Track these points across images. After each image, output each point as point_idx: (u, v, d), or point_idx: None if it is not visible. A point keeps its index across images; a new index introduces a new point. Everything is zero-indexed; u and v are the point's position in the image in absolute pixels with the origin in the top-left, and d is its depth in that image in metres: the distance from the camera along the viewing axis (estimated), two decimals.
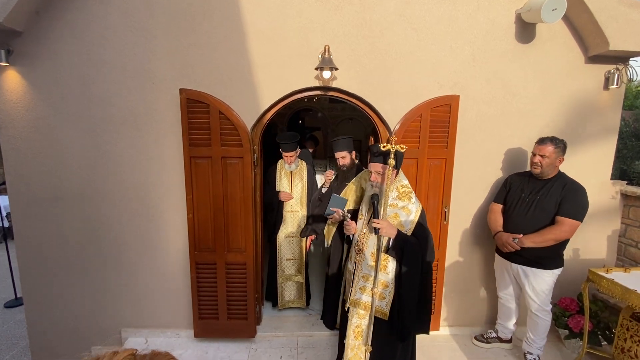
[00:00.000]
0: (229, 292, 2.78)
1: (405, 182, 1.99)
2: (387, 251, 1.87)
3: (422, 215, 1.93)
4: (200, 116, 2.52)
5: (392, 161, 1.82)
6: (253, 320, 2.82)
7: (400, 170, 2.01)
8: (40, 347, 2.85)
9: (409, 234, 1.87)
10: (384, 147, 1.84)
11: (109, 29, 2.45)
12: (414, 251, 1.83)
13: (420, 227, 1.90)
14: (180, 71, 2.53)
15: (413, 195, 1.96)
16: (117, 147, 2.62)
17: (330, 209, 2.04)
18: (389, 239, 1.84)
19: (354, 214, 2.12)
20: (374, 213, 1.86)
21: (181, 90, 2.48)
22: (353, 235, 2.06)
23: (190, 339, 2.88)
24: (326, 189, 2.92)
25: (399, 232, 1.84)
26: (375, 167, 1.94)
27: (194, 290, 2.75)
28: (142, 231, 2.75)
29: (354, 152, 2.80)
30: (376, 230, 1.80)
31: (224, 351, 2.76)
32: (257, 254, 2.90)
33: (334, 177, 2.93)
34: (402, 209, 1.91)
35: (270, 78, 2.57)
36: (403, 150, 1.85)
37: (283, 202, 3.17)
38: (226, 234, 2.71)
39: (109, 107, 2.55)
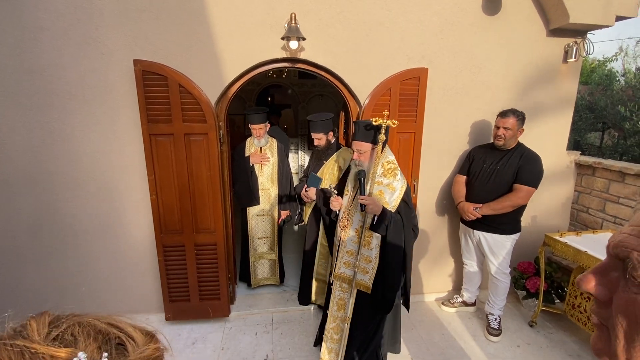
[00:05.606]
0: (199, 274, 2.71)
1: (392, 157, 1.92)
2: (371, 228, 1.85)
3: (407, 192, 1.90)
4: (159, 90, 2.34)
5: (382, 136, 1.78)
6: (226, 300, 2.79)
7: (387, 145, 1.93)
8: None
9: (393, 211, 1.85)
10: (375, 121, 1.74)
11: None
12: (398, 229, 1.82)
13: (404, 204, 1.88)
14: (133, 40, 2.31)
15: (398, 171, 1.91)
16: (67, 125, 2.39)
17: (306, 188, 2.02)
18: (374, 215, 1.82)
19: (340, 191, 2.08)
20: (360, 190, 1.83)
21: (135, 62, 2.28)
22: (338, 211, 2.04)
23: (161, 323, 2.81)
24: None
25: (384, 209, 1.81)
26: (359, 145, 1.85)
27: (163, 274, 2.66)
28: (102, 215, 2.58)
29: (330, 133, 2.74)
30: (362, 207, 1.78)
31: (197, 332, 2.73)
32: (228, 234, 2.83)
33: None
34: (387, 186, 1.87)
35: (234, 49, 2.42)
36: (394, 126, 1.79)
37: (257, 177, 3.07)
38: (194, 215, 2.61)
39: (53, 80, 2.30)
